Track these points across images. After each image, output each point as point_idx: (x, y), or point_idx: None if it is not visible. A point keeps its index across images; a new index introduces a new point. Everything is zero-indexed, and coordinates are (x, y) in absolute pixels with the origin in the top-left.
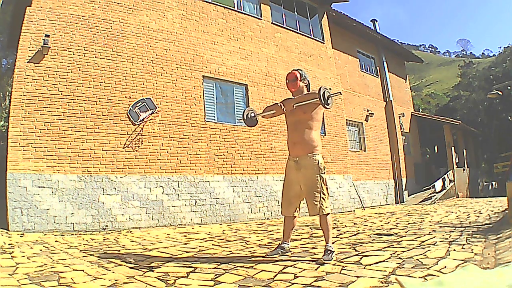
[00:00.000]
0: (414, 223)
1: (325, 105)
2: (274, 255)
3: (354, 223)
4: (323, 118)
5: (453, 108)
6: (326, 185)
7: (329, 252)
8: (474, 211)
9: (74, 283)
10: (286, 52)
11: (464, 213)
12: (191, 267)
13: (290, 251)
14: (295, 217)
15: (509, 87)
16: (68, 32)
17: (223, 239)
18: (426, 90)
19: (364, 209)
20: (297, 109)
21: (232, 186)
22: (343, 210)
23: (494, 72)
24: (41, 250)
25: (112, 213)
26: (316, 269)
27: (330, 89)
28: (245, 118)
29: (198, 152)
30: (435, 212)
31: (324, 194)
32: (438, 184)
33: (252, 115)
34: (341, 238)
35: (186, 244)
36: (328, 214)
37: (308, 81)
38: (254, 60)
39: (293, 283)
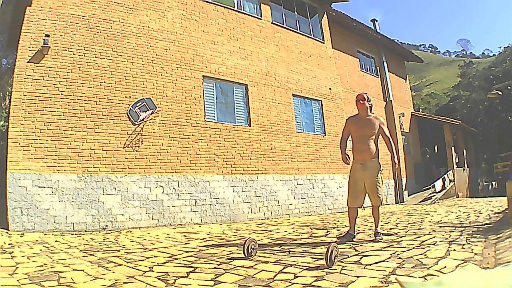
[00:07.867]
0: (414, 223)
1: (329, 264)
2: (343, 242)
3: None
4: (323, 118)
5: (453, 108)
6: (383, 182)
7: (379, 233)
8: (474, 211)
9: (74, 283)
10: (286, 52)
11: (464, 213)
12: (191, 267)
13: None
14: (359, 207)
15: (509, 87)
16: (68, 32)
17: (223, 239)
18: (426, 90)
19: (364, 209)
20: (366, 127)
21: (232, 186)
22: (343, 210)
23: (494, 72)
24: (41, 250)
25: (112, 213)
26: (316, 269)
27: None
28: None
29: (198, 152)
30: (435, 212)
31: (382, 189)
32: (438, 184)
33: (253, 247)
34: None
35: (186, 244)
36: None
37: (372, 103)
38: (254, 60)
39: (293, 283)
